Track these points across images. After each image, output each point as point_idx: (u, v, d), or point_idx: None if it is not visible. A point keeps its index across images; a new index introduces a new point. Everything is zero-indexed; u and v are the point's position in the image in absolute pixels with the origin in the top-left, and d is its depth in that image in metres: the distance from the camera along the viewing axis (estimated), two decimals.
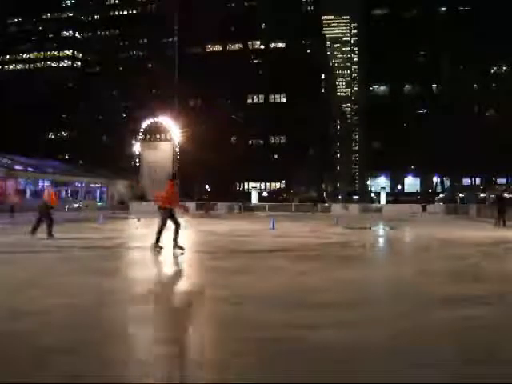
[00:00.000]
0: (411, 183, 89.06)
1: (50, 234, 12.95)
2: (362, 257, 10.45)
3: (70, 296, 5.63)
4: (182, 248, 9.89)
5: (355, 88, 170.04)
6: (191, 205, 42.67)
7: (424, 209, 37.68)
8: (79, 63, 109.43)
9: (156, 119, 49.87)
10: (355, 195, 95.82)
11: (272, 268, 8.15)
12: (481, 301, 5.51)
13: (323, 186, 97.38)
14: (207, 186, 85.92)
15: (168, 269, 8.44)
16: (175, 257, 9.43)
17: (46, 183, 39.21)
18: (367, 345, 3.88)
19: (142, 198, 43.24)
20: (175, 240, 9.94)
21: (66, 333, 4.14)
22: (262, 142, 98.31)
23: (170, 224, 9.99)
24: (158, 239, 9.93)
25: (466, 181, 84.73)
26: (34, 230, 13.07)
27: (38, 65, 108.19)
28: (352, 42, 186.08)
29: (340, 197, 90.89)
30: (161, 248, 9.96)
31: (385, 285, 6.94)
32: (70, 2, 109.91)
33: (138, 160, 50.46)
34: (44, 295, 5.64)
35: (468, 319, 4.65)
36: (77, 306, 5.08)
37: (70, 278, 6.83)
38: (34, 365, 3.36)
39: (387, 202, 47.07)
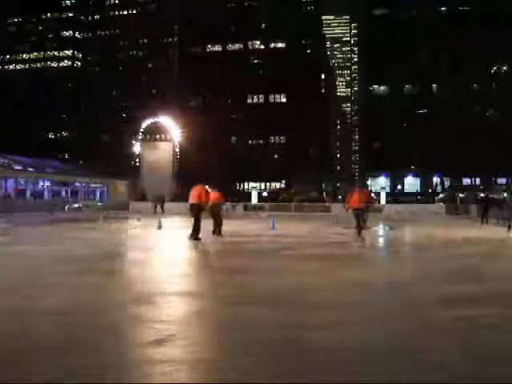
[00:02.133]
0: (411, 183, 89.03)
1: (218, 233, 13.94)
2: (362, 257, 10.44)
3: (70, 296, 5.62)
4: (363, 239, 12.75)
5: (355, 88, 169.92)
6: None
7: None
8: (79, 63, 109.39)
9: (156, 119, 49.82)
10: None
11: (272, 268, 8.14)
12: (481, 300, 5.51)
13: (323, 186, 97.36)
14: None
15: (168, 269, 8.43)
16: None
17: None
18: (368, 345, 3.88)
19: (142, 198, 43.18)
20: (360, 232, 13.09)
21: (66, 333, 4.14)
22: (261, 141, 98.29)
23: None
24: (359, 232, 13.15)
25: (466, 181, 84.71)
26: (214, 231, 14.05)
27: (38, 65, 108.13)
28: (352, 42, 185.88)
29: (340, 197, 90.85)
30: (363, 239, 12.74)
31: (385, 285, 6.93)
32: (70, 2, 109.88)
33: (137, 160, 50.41)
34: (44, 295, 5.64)
35: (468, 319, 4.65)
36: (76, 306, 5.08)
37: (70, 279, 6.83)
38: (32, 364, 3.36)
39: (387, 202, 47.02)
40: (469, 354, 3.69)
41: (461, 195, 68.84)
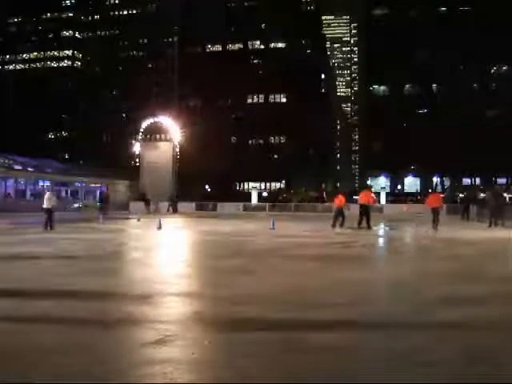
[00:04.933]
0: (411, 183, 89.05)
1: (369, 226, 16.84)
2: (362, 257, 10.44)
3: (70, 296, 5.63)
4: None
5: (355, 88, 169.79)
6: (192, 205, 42.72)
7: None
8: (79, 63, 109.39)
9: (156, 119, 49.77)
10: (355, 195, 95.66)
11: (272, 268, 8.15)
12: (481, 300, 5.51)
13: (323, 185, 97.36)
14: (207, 186, 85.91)
15: (168, 269, 8.43)
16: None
17: None
18: (368, 345, 3.88)
19: (142, 198, 43.15)
20: (437, 225, 16.93)
21: (65, 333, 4.14)
22: (262, 141, 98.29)
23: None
24: (437, 225, 16.94)
25: (466, 181, 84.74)
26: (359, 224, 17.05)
27: (38, 65, 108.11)
28: (352, 41, 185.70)
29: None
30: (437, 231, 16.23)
31: (385, 285, 6.94)
32: (70, 2, 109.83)
33: (137, 160, 50.38)
34: (44, 295, 5.64)
35: (468, 319, 4.65)
36: (76, 306, 5.08)
37: (70, 279, 6.83)
38: (32, 364, 3.36)
39: (387, 201, 47.03)
40: (469, 354, 3.69)
41: (461, 195, 68.91)
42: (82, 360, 3.45)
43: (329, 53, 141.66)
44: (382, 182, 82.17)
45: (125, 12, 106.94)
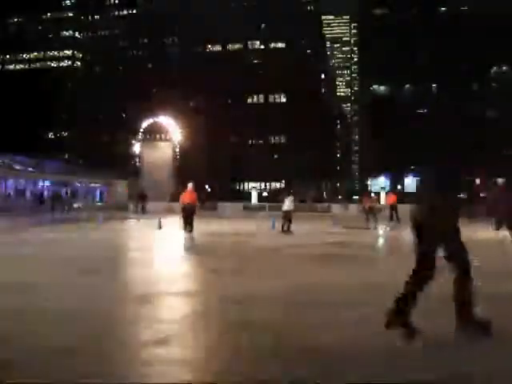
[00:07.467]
0: (411, 183, 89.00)
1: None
2: (362, 257, 10.44)
3: (70, 297, 5.63)
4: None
5: (355, 88, 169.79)
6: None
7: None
8: (79, 63, 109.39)
9: (156, 119, 49.78)
10: (355, 195, 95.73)
11: (272, 268, 8.15)
12: (480, 300, 5.50)
13: (323, 185, 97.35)
14: (207, 186, 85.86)
15: (168, 269, 8.44)
16: None
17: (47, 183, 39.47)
18: (368, 345, 3.89)
19: (142, 198, 43.08)
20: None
21: (65, 333, 4.15)
22: (261, 141, 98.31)
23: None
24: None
25: None
26: None
27: (38, 65, 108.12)
28: (352, 41, 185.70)
29: (340, 197, 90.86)
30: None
31: (385, 285, 6.93)
32: (70, 2, 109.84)
33: (138, 160, 50.39)
34: (45, 296, 5.64)
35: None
36: (76, 307, 5.09)
37: (70, 279, 6.83)
38: (32, 364, 3.37)
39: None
40: (469, 353, 3.70)
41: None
42: (82, 360, 3.46)
43: (329, 53, 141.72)
44: (381, 182, 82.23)
45: (125, 12, 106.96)
